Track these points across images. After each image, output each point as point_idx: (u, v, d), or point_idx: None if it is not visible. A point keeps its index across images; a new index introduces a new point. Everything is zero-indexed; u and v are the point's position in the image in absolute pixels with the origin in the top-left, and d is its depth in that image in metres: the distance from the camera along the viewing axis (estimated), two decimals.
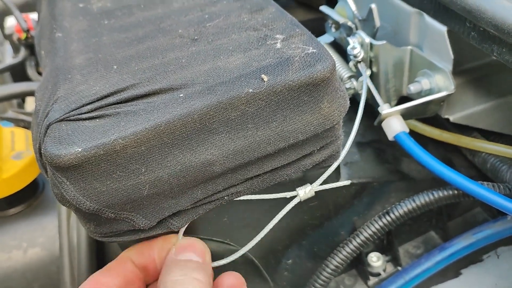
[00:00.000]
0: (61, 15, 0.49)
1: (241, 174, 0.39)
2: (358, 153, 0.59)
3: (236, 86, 0.35)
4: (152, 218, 0.37)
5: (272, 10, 0.44)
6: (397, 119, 0.52)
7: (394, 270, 0.59)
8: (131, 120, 0.34)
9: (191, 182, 0.37)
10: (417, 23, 0.54)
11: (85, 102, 0.35)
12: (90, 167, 0.33)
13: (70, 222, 0.61)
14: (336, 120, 0.38)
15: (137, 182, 0.34)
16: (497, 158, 0.55)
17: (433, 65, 0.52)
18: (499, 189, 0.50)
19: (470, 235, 0.52)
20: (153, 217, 0.37)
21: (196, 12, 0.46)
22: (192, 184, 0.37)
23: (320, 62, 0.36)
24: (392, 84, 0.58)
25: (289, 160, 0.39)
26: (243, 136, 0.36)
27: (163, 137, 0.34)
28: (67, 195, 0.33)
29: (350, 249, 0.53)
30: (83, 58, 0.41)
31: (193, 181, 0.37)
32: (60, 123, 0.34)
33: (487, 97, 0.56)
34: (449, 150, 0.61)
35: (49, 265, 0.62)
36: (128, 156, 0.33)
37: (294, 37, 0.40)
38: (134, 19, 0.46)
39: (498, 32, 0.41)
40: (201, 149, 0.35)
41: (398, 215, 0.52)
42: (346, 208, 0.56)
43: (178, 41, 0.42)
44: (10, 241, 0.62)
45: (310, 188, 0.42)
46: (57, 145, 0.32)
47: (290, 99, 0.36)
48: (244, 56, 0.38)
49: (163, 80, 0.37)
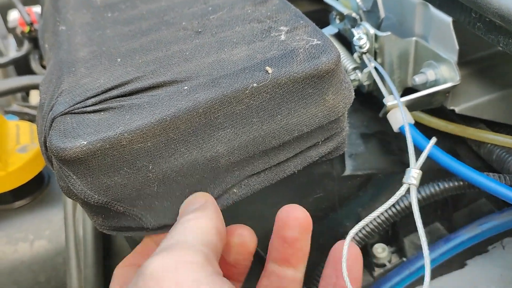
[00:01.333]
0: (64, 8, 0.48)
1: (248, 170, 0.39)
2: (363, 145, 0.58)
3: (241, 78, 0.35)
4: (161, 220, 0.37)
5: (275, 2, 0.44)
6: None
7: (399, 261, 0.59)
8: (136, 113, 0.34)
9: (199, 181, 0.37)
10: (422, 14, 0.53)
11: (90, 95, 0.35)
12: (96, 161, 0.33)
13: (76, 215, 0.61)
14: (341, 112, 0.38)
15: (145, 179, 0.34)
16: (503, 149, 0.55)
17: (438, 56, 0.52)
18: (505, 180, 0.50)
19: (475, 226, 0.52)
20: (162, 219, 0.37)
21: (199, 4, 0.46)
22: (200, 182, 0.37)
23: (325, 53, 0.36)
24: (397, 75, 0.57)
25: (294, 152, 0.39)
26: (248, 131, 0.36)
27: (169, 132, 0.34)
28: (74, 189, 0.34)
29: (356, 240, 0.53)
30: (87, 51, 0.41)
31: (201, 180, 0.37)
32: (65, 116, 0.34)
33: (492, 87, 0.56)
34: (454, 141, 0.61)
35: (55, 257, 0.62)
36: (135, 152, 0.33)
37: (299, 28, 0.39)
38: (137, 12, 0.46)
39: (504, 22, 0.41)
40: (207, 146, 0.35)
41: (404, 206, 0.52)
42: (351, 200, 0.56)
43: (181, 34, 0.42)
44: (16, 234, 0.62)
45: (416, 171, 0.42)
46: (62, 138, 0.32)
47: (295, 92, 0.36)
48: (248, 48, 0.38)
49: (167, 73, 0.37)
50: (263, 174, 0.40)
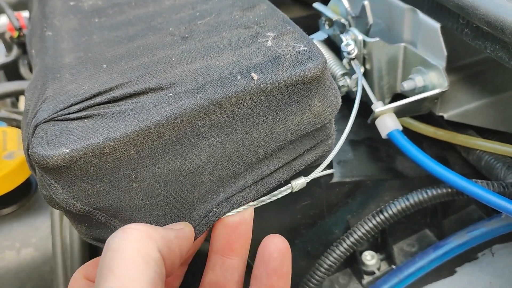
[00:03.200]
0: (51, 13, 0.48)
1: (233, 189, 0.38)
2: (352, 151, 0.58)
3: (226, 85, 0.35)
4: None
5: (263, 8, 0.44)
6: (390, 117, 0.51)
7: (388, 269, 0.59)
8: (119, 120, 0.33)
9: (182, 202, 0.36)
10: (411, 19, 0.54)
11: (74, 102, 0.35)
12: (79, 169, 0.32)
13: (63, 222, 0.61)
14: (327, 119, 0.38)
15: (128, 188, 0.34)
16: (491, 155, 0.55)
17: (426, 62, 0.52)
18: (493, 187, 0.50)
19: (464, 233, 0.52)
20: None
21: (187, 10, 0.45)
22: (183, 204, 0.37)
23: (311, 60, 0.36)
24: (386, 81, 0.57)
25: (280, 164, 0.39)
26: (232, 140, 0.36)
27: (153, 140, 0.33)
28: (55, 197, 0.33)
29: (344, 248, 0.53)
30: (72, 57, 0.41)
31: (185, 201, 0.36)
32: (48, 123, 0.34)
33: (481, 94, 0.56)
34: (443, 147, 0.61)
35: (42, 265, 0.62)
36: (118, 160, 0.33)
37: (286, 34, 0.39)
38: (125, 17, 0.46)
39: (491, 29, 0.41)
40: (191, 155, 0.35)
41: (392, 213, 0.52)
42: (339, 207, 0.56)
43: (168, 39, 0.41)
44: (3, 242, 0.61)
45: (303, 180, 0.41)
46: (44, 145, 0.32)
47: (280, 99, 0.36)
48: (235, 54, 0.38)
49: (152, 79, 0.36)
50: (248, 189, 0.39)
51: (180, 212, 0.37)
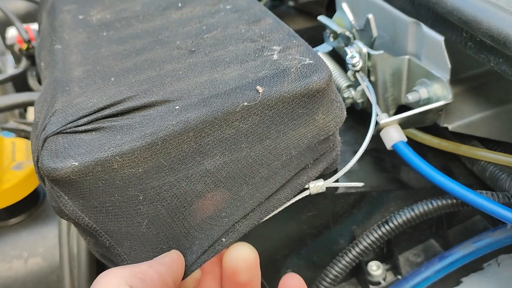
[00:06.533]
0: (61, 27, 0.49)
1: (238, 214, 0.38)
2: (357, 162, 0.58)
3: (231, 98, 0.35)
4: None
5: (269, 21, 0.44)
6: (395, 129, 0.52)
7: (394, 279, 0.59)
8: (126, 133, 0.34)
9: (185, 232, 0.37)
10: (415, 33, 0.54)
11: (82, 115, 0.35)
12: (88, 183, 0.33)
13: (71, 232, 0.61)
14: (331, 131, 0.38)
15: (136, 212, 0.34)
16: (496, 166, 0.55)
17: (430, 74, 0.52)
18: (498, 198, 0.50)
19: (470, 244, 0.52)
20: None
21: (194, 23, 0.46)
22: (186, 235, 0.37)
23: (316, 73, 0.36)
24: (391, 93, 0.58)
25: (283, 180, 0.39)
26: (236, 159, 0.36)
27: (160, 157, 0.34)
28: (65, 209, 0.34)
29: (350, 258, 0.53)
30: (81, 70, 0.41)
31: (188, 231, 0.37)
32: (57, 136, 0.34)
33: (485, 105, 0.56)
34: (448, 158, 0.61)
35: (49, 275, 0.62)
36: (127, 178, 0.33)
37: (291, 48, 0.40)
38: (132, 31, 0.46)
39: (494, 42, 0.41)
40: (196, 176, 0.35)
41: (397, 224, 0.52)
42: (345, 217, 0.56)
43: (175, 53, 0.42)
44: (10, 251, 0.62)
45: (322, 183, 0.42)
46: (53, 158, 0.32)
47: (285, 113, 0.36)
48: (241, 67, 0.38)
49: (160, 92, 0.37)
50: (252, 214, 0.39)
51: (183, 244, 0.37)
